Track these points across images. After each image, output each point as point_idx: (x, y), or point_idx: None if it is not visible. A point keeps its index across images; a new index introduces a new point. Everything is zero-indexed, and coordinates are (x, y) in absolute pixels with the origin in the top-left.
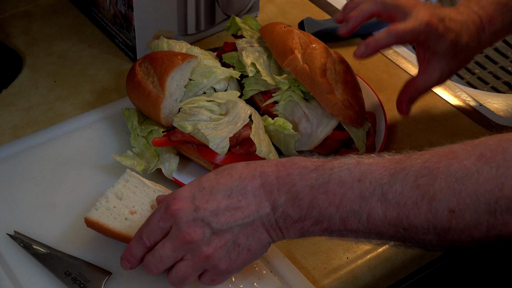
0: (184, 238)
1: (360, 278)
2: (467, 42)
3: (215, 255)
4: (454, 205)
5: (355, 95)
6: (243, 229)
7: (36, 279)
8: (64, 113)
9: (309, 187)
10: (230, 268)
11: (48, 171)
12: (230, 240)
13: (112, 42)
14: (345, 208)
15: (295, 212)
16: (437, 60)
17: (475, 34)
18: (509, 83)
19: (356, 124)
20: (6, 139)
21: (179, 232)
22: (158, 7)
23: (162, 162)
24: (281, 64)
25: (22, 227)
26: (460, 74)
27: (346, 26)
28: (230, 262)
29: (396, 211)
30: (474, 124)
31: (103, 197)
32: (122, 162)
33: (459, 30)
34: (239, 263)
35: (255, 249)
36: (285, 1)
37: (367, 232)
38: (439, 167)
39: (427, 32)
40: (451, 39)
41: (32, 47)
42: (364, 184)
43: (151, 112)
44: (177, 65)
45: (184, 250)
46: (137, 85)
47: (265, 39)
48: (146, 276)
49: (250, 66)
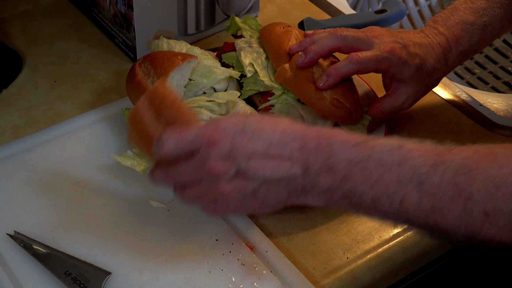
0: (208, 169)
1: (360, 278)
2: (433, 65)
3: (231, 195)
4: (490, 209)
5: (346, 93)
6: (267, 183)
7: (36, 279)
8: (64, 113)
9: (347, 161)
10: (237, 210)
11: (48, 171)
12: (250, 188)
13: (112, 42)
14: (380, 189)
15: (327, 181)
16: (403, 85)
17: (441, 56)
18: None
19: (350, 121)
20: (6, 139)
21: (206, 161)
22: (158, 7)
23: None
24: (276, 68)
25: (22, 227)
26: (460, 74)
27: (302, 58)
28: (239, 206)
29: (430, 203)
30: (474, 124)
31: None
32: (122, 162)
33: (423, 54)
34: (248, 209)
35: (268, 204)
36: (285, 1)
37: (396, 217)
38: (478, 167)
39: (389, 60)
40: (416, 64)
41: (32, 47)
42: (403, 169)
43: None
44: (177, 65)
45: (202, 176)
46: (137, 85)
47: (263, 40)
48: (146, 276)
49: (249, 66)
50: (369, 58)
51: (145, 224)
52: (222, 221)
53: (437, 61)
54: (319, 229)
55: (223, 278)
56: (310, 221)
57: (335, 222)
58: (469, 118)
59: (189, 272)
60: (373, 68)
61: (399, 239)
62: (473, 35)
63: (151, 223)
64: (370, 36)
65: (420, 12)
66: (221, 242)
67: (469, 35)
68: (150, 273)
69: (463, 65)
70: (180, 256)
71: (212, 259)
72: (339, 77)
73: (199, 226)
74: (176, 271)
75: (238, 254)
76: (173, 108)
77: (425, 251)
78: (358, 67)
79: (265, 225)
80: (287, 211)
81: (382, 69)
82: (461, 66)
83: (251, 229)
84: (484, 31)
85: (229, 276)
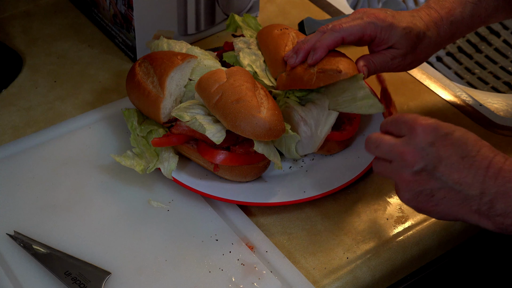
0: (403, 154)
1: (360, 278)
2: (423, 30)
3: (410, 185)
4: None
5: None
6: (448, 190)
7: (36, 279)
8: (64, 113)
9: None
10: (409, 202)
11: (48, 171)
12: (430, 187)
13: (112, 42)
14: None
15: (501, 206)
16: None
17: (431, 24)
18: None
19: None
20: (6, 139)
21: (405, 147)
22: (158, 7)
23: (161, 162)
24: (273, 74)
25: (22, 227)
26: (460, 74)
27: (311, 56)
28: (413, 199)
29: None
30: (474, 124)
31: None
32: (121, 163)
33: (411, 19)
34: (419, 206)
35: (439, 209)
36: (285, 1)
37: None
38: None
39: (374, 24)
40: (403, 27)
41: (32, 47)
42: None
43: (150, 112)
44: (177, 65)
45: (395, 158)
46: (137, 85)
47: (260, 44)
48: (146, 276)
49: (247, 66)
50: (353, 25)
51: (145, 224)
52: (222, 221)
53: (426, 27)
54: (319, 229)
55: (223, 278)
56: (310, 221)
57: (335, 222)
58: (469, 118)
59: (189, 272)
60: (359, 35)
61: (399, 239)
62: (465, 7)
63: (151, 223)
64: (361, 12)
65: None
66: (221, 242)
67: (461, 6)
68: (150, 273)
69: (463, 65)
70: (180, 256)
71: (212, 259)
72: (326, 49)
73: (199, 226)
74: (176, 271)
75: (238, 254)
76: None
77: (425, 251)
78: (342, 34)
79: (265, 225)
80: (287, 211)
81: (368, 34)
82: (461, 66)
83: (251, 229)
84: (477, 6)
85: (229, 276)
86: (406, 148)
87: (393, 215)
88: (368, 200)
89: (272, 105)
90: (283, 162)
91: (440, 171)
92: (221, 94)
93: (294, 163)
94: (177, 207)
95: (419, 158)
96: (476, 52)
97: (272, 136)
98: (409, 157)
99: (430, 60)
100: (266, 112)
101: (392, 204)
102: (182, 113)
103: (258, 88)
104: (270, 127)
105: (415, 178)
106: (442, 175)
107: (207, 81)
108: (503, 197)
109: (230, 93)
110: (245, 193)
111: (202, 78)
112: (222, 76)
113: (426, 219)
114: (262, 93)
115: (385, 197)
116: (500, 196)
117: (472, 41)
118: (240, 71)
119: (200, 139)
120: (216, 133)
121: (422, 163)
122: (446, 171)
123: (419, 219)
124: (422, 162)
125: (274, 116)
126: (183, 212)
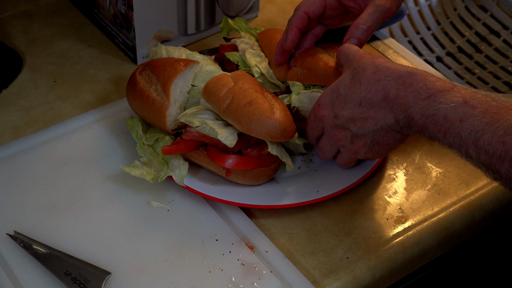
0: (333, 138)
1: (360, 278)
2: None
3: (361, 150)
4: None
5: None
6: (376, 133)
7: (36, 279)
8: (64, 113)
9: (420, 114)
10: (379, 156)
11: (48, 171)
12: (368, 141)
13: (112, 42)
14: (449, 140)
15: (413, 129)
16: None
17: None
18: (509, 83)
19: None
20: (6, 139)
21: (328, 134)
22: (158, 7)
23: (172, 169)
24: (278, 78)
25: (22, 227)
26: (460, 74)
27: (287, 39)
28: (375, 153)
29: (485, 157)
30: None
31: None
32: (131, 173)
33: None
34: (383, 153)
35: (392, 143)
36: (285, 1)
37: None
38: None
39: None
40: None
41: (32, 47)
42: (464, 125)
43: (156, 120)
44: (180, 72)
45: (337, 145)
46: (139, 93)
47: (263, 46)
48: (146, 276)
49: (255, 67)
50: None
51: (145, 224)
52: (222, 221)
53: None
54: (319, 229)
55: (223, 278)
56: (310, 221)
57: (335, 222)
58: None
59: (189, 272)
60: (321, 4)
61: (399, 239)
62: None
63: (151, 223)
64: None
65: (420, 12)
66: (221, 242)
67: None
68: (150, 273)
69: (463, 65)
70: (180, 256)
71: (212, 259)
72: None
73: (199, 226)
74: (176, 271)
75: (238, 254)
76: None
77: (425, 251)
78: (303, 9)
79: (265, 225)
80: (287, 211)
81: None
82: (461, 66)
83: (251, 229)
84: None
85: (229, 276)
86: (331, 134)
87: (393, 215)
88: (368, 200)
89: (282, 106)
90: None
91: (358, 128)
92: (232, 98)
93: (303, 164)
94: (177, 207)
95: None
96: (476, 52)
97: (287, 136)
98: (338, 136)
99: (430, 60)
100: (279, 113)
101: (392, 204)
102: (191, 119)
103: (265, 91)
104: (284, 128)
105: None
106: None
107: (214, 86)
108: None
109: (241, 96)
110: (260, 196)
111: (209, 84)
112: (229, 80)
113: (426, 219)
114: (269, 95)
115: (385, 197)
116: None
117: (472, 41)
118: (245, 75)
119: (210, 144)
120: (229, 136)
121: (348, 132)
122: (362, 125)
123: (419, 219)
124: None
125: (287, 117)
126: (183, 212)
